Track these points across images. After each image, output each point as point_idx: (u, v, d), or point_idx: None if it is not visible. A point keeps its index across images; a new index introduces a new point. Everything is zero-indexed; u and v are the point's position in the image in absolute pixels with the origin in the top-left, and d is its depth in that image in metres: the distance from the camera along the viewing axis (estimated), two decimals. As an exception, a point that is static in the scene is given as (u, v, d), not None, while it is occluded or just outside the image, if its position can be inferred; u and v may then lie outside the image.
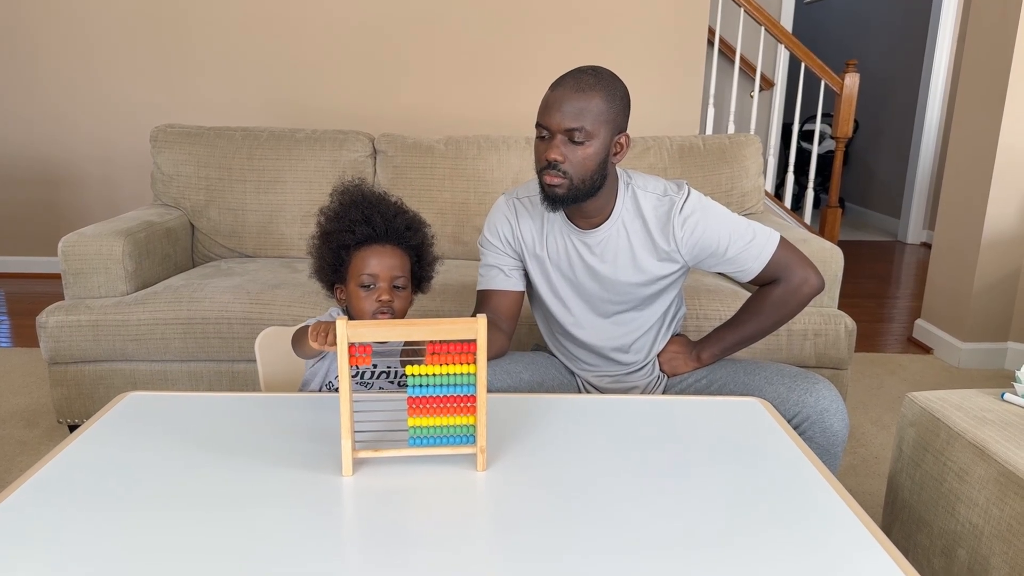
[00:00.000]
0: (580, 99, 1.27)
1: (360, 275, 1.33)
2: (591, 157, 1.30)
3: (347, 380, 0.99)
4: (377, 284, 1.33)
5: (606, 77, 1.31)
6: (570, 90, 1.28)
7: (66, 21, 3.57)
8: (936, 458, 1.33)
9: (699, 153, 2.48)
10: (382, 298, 1.33)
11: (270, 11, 3.54)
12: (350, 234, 1.33)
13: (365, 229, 1.33)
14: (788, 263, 1.41)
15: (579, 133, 1.27)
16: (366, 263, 1.33)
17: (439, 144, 2.53)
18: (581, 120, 1.27)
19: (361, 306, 1.34)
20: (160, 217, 2.37)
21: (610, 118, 1.29)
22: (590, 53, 3.61)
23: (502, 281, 1.48)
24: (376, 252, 1.34)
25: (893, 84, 5.38)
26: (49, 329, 2.01)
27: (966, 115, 2.79)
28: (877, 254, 4.76)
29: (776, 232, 1.43)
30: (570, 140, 1.29)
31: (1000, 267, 2.72)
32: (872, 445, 2.16)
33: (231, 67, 3.60)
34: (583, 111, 1.27)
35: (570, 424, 1.19)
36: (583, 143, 1.28)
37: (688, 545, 0.88)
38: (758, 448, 1.12)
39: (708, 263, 1.42)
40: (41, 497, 0.96)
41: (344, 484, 1.00)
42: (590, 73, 1.30)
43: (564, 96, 1.28)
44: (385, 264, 1.33)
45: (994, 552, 1.18)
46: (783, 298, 1.43)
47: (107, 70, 3.62)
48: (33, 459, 2.01)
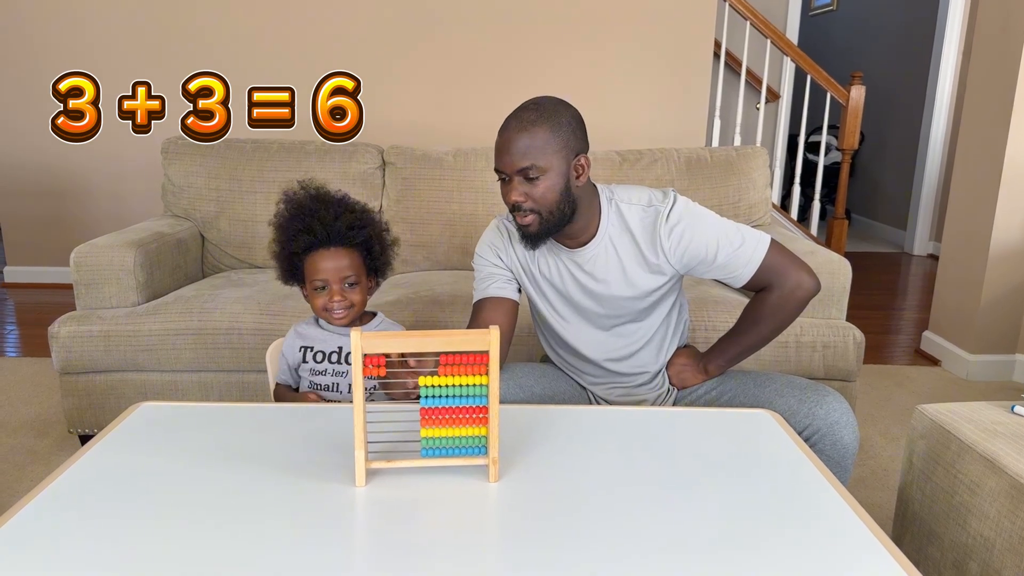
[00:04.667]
0: (524, 137, 1.29)
1: (312, 280, 1.44)
2: (551, 189, 1.31)
3: (361, 391, 1.00)
4: (329, 286, 1.43)
5: (547, 108, 1.31)
6: (513, 131, 1.30)
7: (76, 33, 3.61)
8: (947, 471, 1.33)
9: (706, 165, 2.49)
10: (333, 300, 1.43)
11: (279, 23, 3.57)
12: (294, 243, 1.43)
13: (307, 238, 1.42)
14: (780, 267, 1.38)
15: (532, 170, 1.30)
16: (315, 268, 1.43)
17: (448, 156, 2.54)
18: (530, 158, 1.29)
19: (315, 305, 1.47)
20: (171, 228, 2.39)
21: (559, 146, 1.30)
22: (597, 66, 3.63)
23: (497, 289, 1.48)
24: (323, 256, 1.43)
25: (898, 96, 5.39)
26: (61, 339, 2.02)
27: (973, 127, 2.80)
28: (883, 266, 4.76)
29: (767, 235, 1.40)
30: (526, 179, 1.31)
31: (1008, 279, 2.72)
32: (880, 457, 2.15)
33: (240, 77, 3.62)
34: (529, 148, 1.29)
35: (582, 436, 1.19)
36: (538, 178, 1.30)
37: (701, 557, 0.88)
38: (769, 460, 1.13)
39: (698, 270, 1.41)
40: (57, 507, 0.97)
41: (357, 495, 1.01)
42: (531, 109, 1.31)
43: (509, 138, 1.30)
44: (331, 267, 1.42)
45: (1006, 565, 1.18)
46: (778, 304, 1.40)
47: (118, 82, 3.65)
48: (44, 469, 2.02)
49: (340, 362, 1.48)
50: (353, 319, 1.47)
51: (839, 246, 4.04)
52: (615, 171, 2.47)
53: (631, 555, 0.88)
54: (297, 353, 1.50)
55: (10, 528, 0.92)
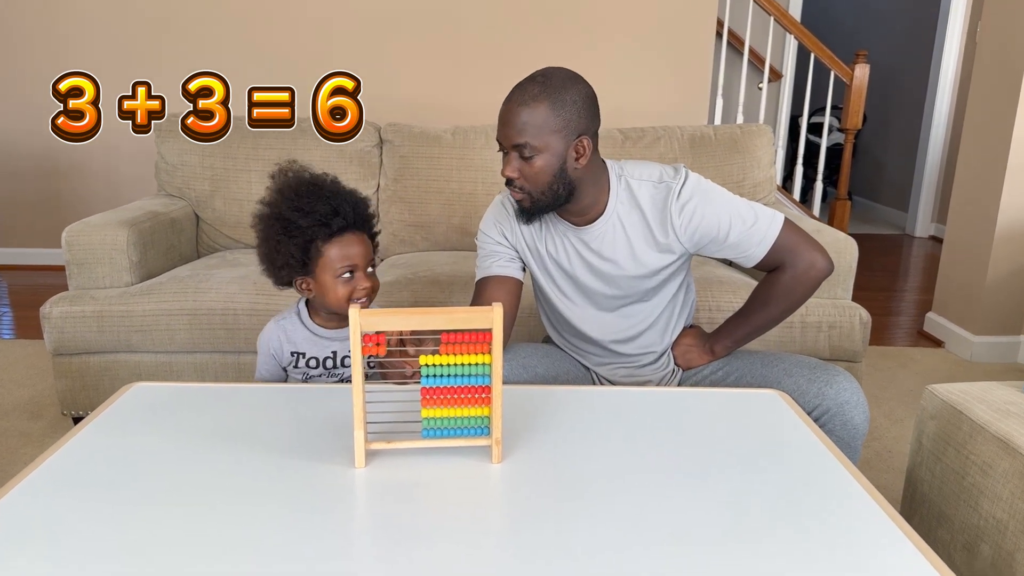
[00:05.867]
0: (523, 112, 1.23)
1: (337, 267, 1.33)
2: (543, 170, 1.26)
3: (360, 370, 0.97)
4: (356, 272, 1.34)
5: (556, 83, 1.24)
6: (514, 104, 1.25)
7: (67, 9, 3.55)
8: (958, 451, 1.31)
9: (710, 143, 2.45)
10: (364, 286, 1.34)
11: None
12: (324, 228, 1.31)
13: (339, 222, 1.32)
14: (793, 247, 1.34)
15: (526, 148, 1.25)
16: (343, 254, 1.33)
17: (446, 134, 2.50)
18: (524, 135, 1.24)
19: (339, 295, 1.34)
20: (164, 207, 2.35)
21: (560, 126, 1.24)
22: (599, 43, 3.57)
23: (499, 268, 1.43)
24: (350, 241, 1.34)
25: (901, 76, 5.34)
26: (53, 320, 1.99)
27: (980, 106, 2.75)
28: (885, 247, 4.73)
29: (780, 214, 1.35)
30: (521, 155, 1.26)
31: (1013, 260, 2.69)
32: (885, 439, 2.13)
33: (235, 56, 3.57)
34: (526, 125, 1.24)
35: (586, 417, 1.16)
36: (532, 157, 1.26)
37: (710, 538, 0.85)
38: (778, 440, 1.10)
39: (709, 249, 1.37)
40: (47, 488, 0.94)
41: (357, 476, 0.98)
42: (538, 81, 1.24)
43: (509, 110, 1.25)
44: (360, 252, 1.35)
45: (1019, 547, 1.15)
46: (790, 285, 1.35)
47: (110, 59, 3.59)
48: (37, 451, 1.99)
49: (336, 366, 1.42)
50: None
51: (841, 228, 4.00)
52: (617, 149, 2.42)
53: (637, 536, 0.85)
54: (288, 357, 1.43)
55: (0, 509, 0.89)
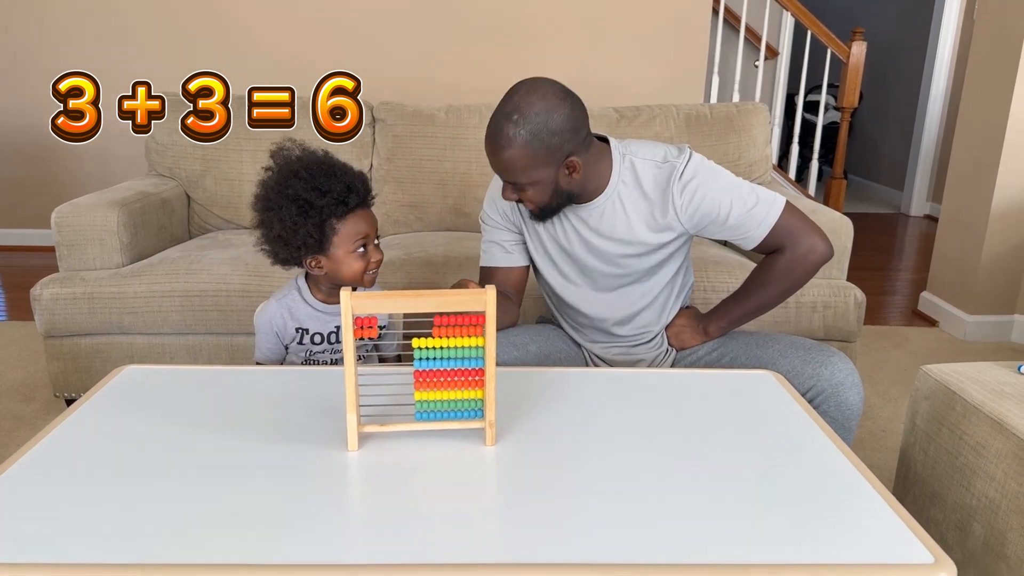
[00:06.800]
0: (503, 157, 1.25)
1: (354, 241, 1.35)
2: (541, 192, 1.30)
3: (352, 353, 0.96)
4: (368, 245, 1.37)
5: (531, 117, 1.21)
6: (495, 148, 1.26)
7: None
8: (951, 432, 1.31)
9: (706, 122, 2.43)
10: (376, 258, 1.38)
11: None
12: (342, 206, 1.33)
13: (355, 198, 1.35)
14: (793, 230, 1.33)
15: (516, 185, 1.29)
16: (357, 230, 1.36)
17: (440, 112, 2.47)
18: (513, 175, 1.27)
19: (354, 269, 1.37)
20: (155, 187, 2.32)
21: (544, 159, 1.25)
22: (594, 21, 3.53)
23: (502, 258, 1.47)
24: (362, 216, 1.37)
25: (898, 54, 5.30)
26: (44, 302, 1.97)
27: (976, 86, 2.74)
28: (880, 227, 4.73)
29: (781, 197, 1.35)
30: (514, 188, 1.31)
31: (1009, 239, 2.69)
32: (879, 419, 2.14)
33: (226, 34, 3.52)
34: (511, 167, 1.26)
35: (580, 398, 1.16)
36: (526, 188, 1.29)
37: (700, 517, 0.85)
38: (771, 421, 1.10)
39: (709, 230, 1.37)
40: (40, 470, 0.94)
41: (350, 459, 0.98)
42: (513, 121, 1.22)
43: (491, 153, 1.27)
44: (372, 223, 1.38)
45: (1011, 527, 1.16)
46: (789, 267, 1.35)
47: (100, 37, 3.54)
48: (30, 433, 1.98)
49: (339, 341, 1.44)
50: None
51: (837, 207, 4.00)
52: (612, 128, 2.40)
53: (630, 518, 0.85)
54: (293, 333, 1.43)
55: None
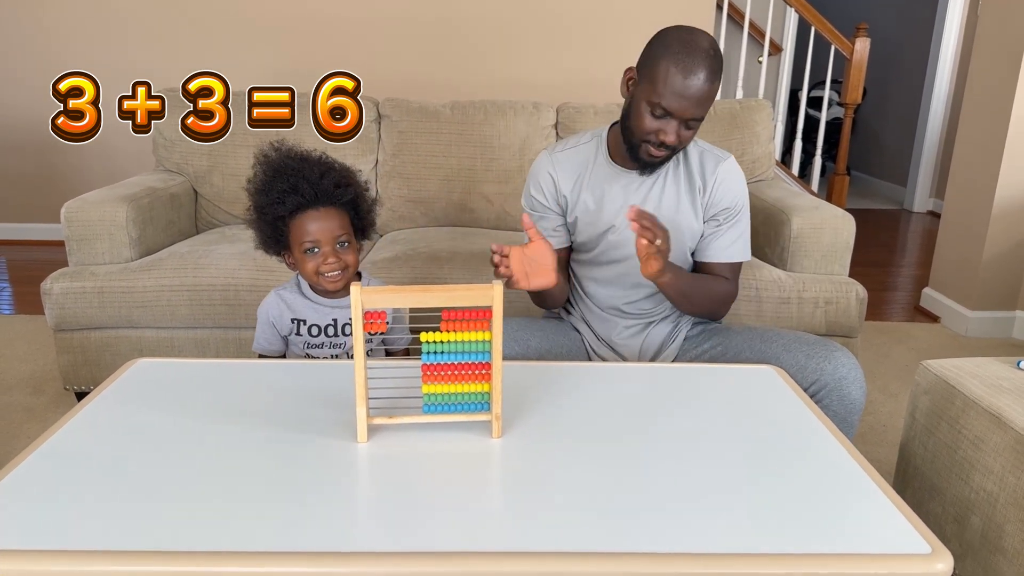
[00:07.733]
0: (708, 89, 1.26)
1: (302, 243, 1.35)
2: (695, 134, 1.36)
3: (362, 347, 0.98)
4: (320, 248, 1.35)
5: (719, 56, 1.28)
6: (706, 82, 1.26)
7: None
8: (951, 426, 1.33)
9: (710, 118, 2.44)
10: (328, 262, 1.35)
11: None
12: (281, 205, 1.33)
13: (295, 198, 1.33)
14: (736, 275, 1.49)
15: (698, 121, 1.30)
16: (304, 230, 1.34)
17: (445, 109, 2.49)
18: (704, 108, 1.29)
19: (307, 269, 1.37)
20: (163, 183, 2.34)
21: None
22: (596, 16, 3.54)
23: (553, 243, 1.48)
24: (312, 217, 1.34)
25: (901, 50, 5.29)
26: (54, 296, 1.99)
27: (980, 82, 2.74)
28: (883, 223, 4.73)
29: None
30: (686, 126, 1.30)
31: (1010, 235, 2.70)
32: (880, 413, 2.15)
33: (233, 31, 3.53)
34: (709, 98, 1.28)
35: (584, 391, 1.18)
36: (698, 123, 1.31)
37: (705, 510, 0.87)
38: (773, 415, 1.12)
39: (708, 226, 1.46)
40: (52, 463, 0.96)
41: (359, 450, 1.00)
42: (713, 56, 1.26)
43: (696, 86, 1.25)
44: (323, 227, 1.34)
45: (1009, 520, 1.18)
46: (721, 297, 1.47)
47: (109, 33, 3.56)
48: (40, 426, 2.01)
49: (337, 334, 1.44)
50: (347, 282, 1.43)
51: (839, 203, 4.00)
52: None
53: (634, 509, 0.87)
54: (289, 324, 1.45)
55: (6, 484, 0.90)
